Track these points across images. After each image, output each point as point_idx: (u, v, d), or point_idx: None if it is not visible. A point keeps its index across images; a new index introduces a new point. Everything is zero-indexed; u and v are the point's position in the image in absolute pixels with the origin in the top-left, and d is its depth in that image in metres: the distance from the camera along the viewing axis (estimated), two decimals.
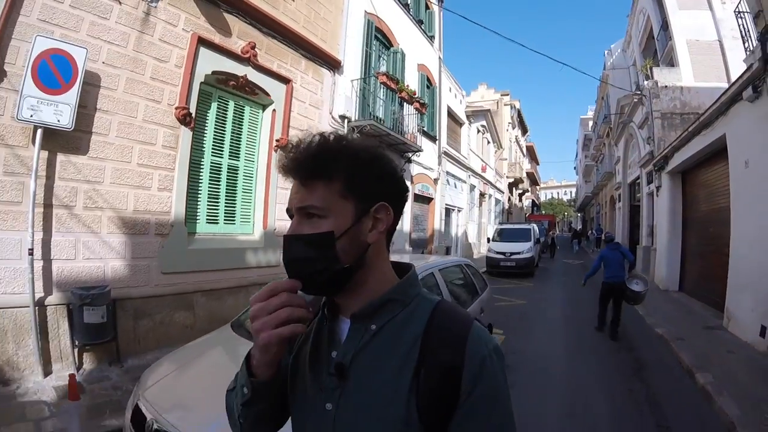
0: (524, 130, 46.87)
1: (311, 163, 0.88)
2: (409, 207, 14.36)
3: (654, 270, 14.59)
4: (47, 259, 4.87)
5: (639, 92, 16.34)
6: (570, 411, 4.98)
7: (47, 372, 4.76)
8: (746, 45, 8.40)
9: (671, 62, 15.68)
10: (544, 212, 58.90)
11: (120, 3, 5.60)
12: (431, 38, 16.57)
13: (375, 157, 0.94)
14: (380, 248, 0.96)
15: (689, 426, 4.68)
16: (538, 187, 70.40)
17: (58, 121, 4.77)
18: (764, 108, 7.04)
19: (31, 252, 4.56)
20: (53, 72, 4.73)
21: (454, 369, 0.82)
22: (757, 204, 7.35)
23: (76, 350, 5.06)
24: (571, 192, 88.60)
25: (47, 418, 4.05)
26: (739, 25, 8.88)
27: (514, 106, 38.79)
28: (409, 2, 14.51)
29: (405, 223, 13.97)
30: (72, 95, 4.86)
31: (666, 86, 14.53)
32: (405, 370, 0.85)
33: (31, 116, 4.58)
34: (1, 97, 4.55)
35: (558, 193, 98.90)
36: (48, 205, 4.88)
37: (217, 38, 6.88)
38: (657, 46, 17.53)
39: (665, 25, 16.17)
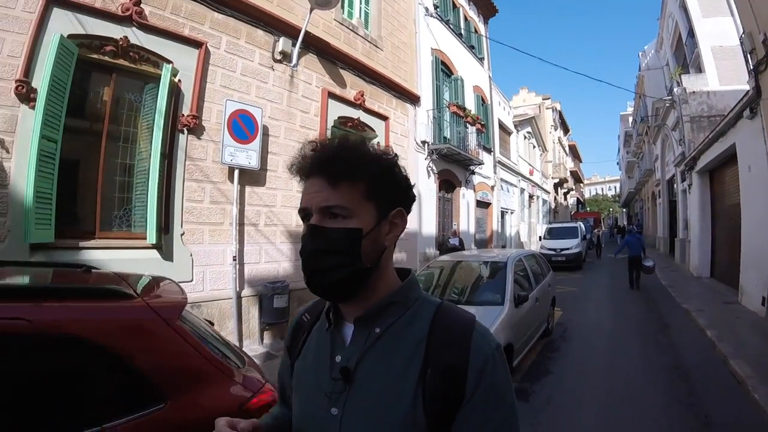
0: (566, 130, 44.87)
1: (339, 163, 0.82)
2: (473, 211, 15.15)
3: (688, 259, 14.83)
4: (241, 263, 6.12)
5: (670, 97, 16.30)
6: (612, 354, 6.27)
7: (241, 346, 5.92)
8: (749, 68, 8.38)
9: (699, 67, 15.36)
10: (588, 209, 55.51)
11: (273, 69, 6.86)
12: (481, 60, 17.16)
13: (394, 164, 0.89)
14: (391, 253, 0.91)
15: (697, 360, 5.81)
16: (582, 185, 66.63)
17: (249, 163, 6.05)
18: (759, 125, 7.71)
19: (235, 258, 5.82)
20: (242, 127, 6.00)
21: (459, 369, 0.78)
22: (756, 201, 8.19)
23: (260, 329, 6.26)
24: (615, 187, 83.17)
25: None
26: (743, 51, 8.90)
27: (556, 109, 37.25)
28: (462, 32, 15.18)
29: (471, 226, 14.76)
30: (256, 144, 6.13)
31: (694, 92, 14.33)
32: (410, 372, 0.80)
33: (231, 160, 5.86)
34: (204, 146, 5.79)
35: (602, 188, 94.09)
36: (240, 224, 6.14)
37: (338, 90, 8.12)
38: (686, 51, 17.12)
39: (691, 32, 15.83)
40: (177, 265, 5.19)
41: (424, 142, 11.38)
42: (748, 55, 7.96)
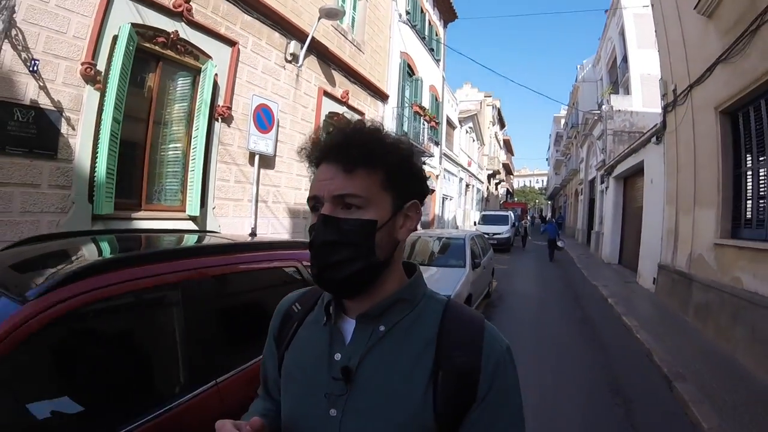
0: (502, 125, 46.30)
1: (356, 149, 0.71)
2: None
3: (601, 249, 16.52)
4: (256, 234, 6.53)
5: (599, 111, 17.57)
6: (537, 309, 7.93)
7: None
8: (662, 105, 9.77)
9: (627, 89, 16.45)
10: (516, 200, 55.63)
11: (284, 68, 7.22)
12: (438, 61, 17.79)
13: (412, 153, 0.79)
14: (403, 247, 0.79)
15: (599, 316, 7.56)
16: (512, 176, 67.67)
17: (267, 150, 6.49)
18: (661, 150, 9.34)
19: (253, 230, 6.28)
20: (263, 118, 6.41)
21: (472, 372, 0.70)
22: (654, 209, 9.90)
23: None
24: (542, 181, 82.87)
25: None
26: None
27: (495, 106, 37.90)
28: (426, 36, 15.76)
29: None
30: (273, 134, 6.58)
31: (619, 110, 15.60)
32: (418, 373, 0.70)
33: (254, 147, 6.29)
34: (232, 133, 6.17)
35: (530, 181, 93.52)
36: (255, 201, 6.53)
37: (329, 89, 8.59)
38: (618, 72, 18.25)
39: (625, 58, 16.81)
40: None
41: None
42: (661, 98, 9.35)
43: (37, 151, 3.97)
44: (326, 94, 8.45)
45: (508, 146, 54.23)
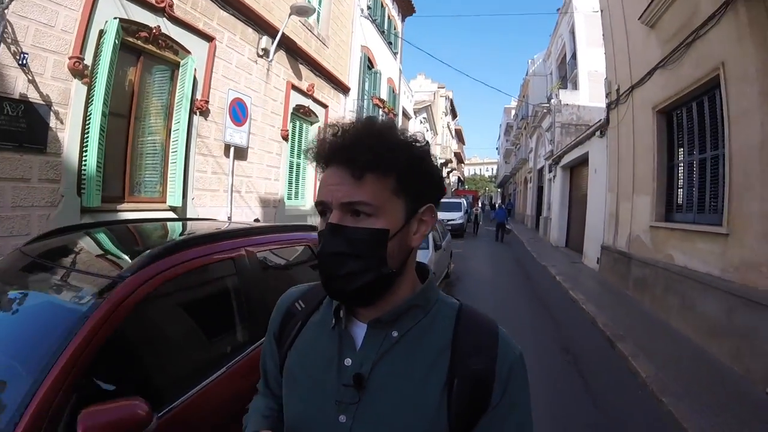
0: (454, 116, 46.79)
1: (365, 152, 0.65)
2: None
3: (549, 233, 17.57)
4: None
5: (548, 105, 18.36)
6: (493, 287, 8.80)
7: None
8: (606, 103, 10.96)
9: (575, 84, 17.35)
10: (467, 187, 56.43)
11: (256, 63, 7.35)
12: (395, 54, 18.01)
13: (426, 153, 0.73)
14: (416, 253, 0.77)
15: (549, 291, 8.55)
16: (463, 165, 68.13)
17: (241, 142, 6.66)
18: (604, 143, 10.35)
19: (229, 218, 6.46)
20: (237, 112, 6.57)
21: (486, 377, 0.68)
22: (597, 196, 10.95)
23: None
24: (492, 169, 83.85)
25: None
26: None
27: (448, 97, 38.38)
28: (385, 30, 15.98)
29: None
30: (246, 127, 6.76)
31: (567, 104, 16.55)
32: (432, 380, 0.69)
33: (230, 140, 6.45)
34: (209, 126, 6.30)
35: (481, 169, 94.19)
36: (230, 191, 6.69)
37: (296, 82, 8.76)
38: (567, 68, 19.06)
39: (575, 55, 17.69)
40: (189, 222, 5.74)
41: None
42: (605, 96, 10.25)
43: (27, 145, 4.00)
44: (294, 87, 8.63)
45: (459, 136, 55.47)
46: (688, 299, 5.69)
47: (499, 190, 59.40)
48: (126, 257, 1.97)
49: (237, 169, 6.83)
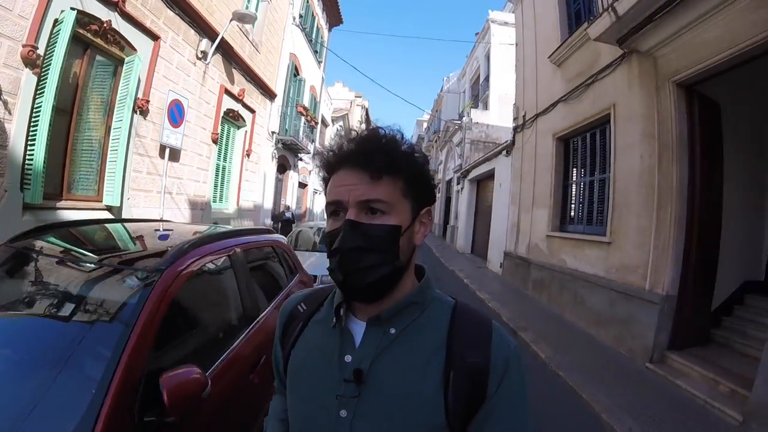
0: (368, 125, 47.23)
1: (382, 157, 0.72)
2: (296, 191, 16.76)
3: (456, 240, 18.77)
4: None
5: (460, 122, 19.80)
6: None
7: None
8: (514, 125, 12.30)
9: (486, 104, 18.83)
10: None
11: (194, 65, 7.40)
12: (320, 63, 18.44)
13: (427, 161, 0.81)
14: (417, 252, 0.82)
15: (458, 292, 9.28)
16: None
17: (177, 143, 6.69)
18: (509, 161, 11.86)
19: (162, 219, 6.43)
20: (175, 113, 6.62)
21: (482, 371, 0.71)
22: (501, 207, 12.41)
23: None
24: None
25: None
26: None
27: (364, 106, 39.08)
28: (313, 38, 16.33)
29: (293, 203, 16.32)
30: (182, 128, 6.80)
31: (478, 122, 18.02)
32: (430, 374, 0.72)
33: (167, 141, 6.47)
34: (147, 126, 6.24)
35: None
36: (163, 192, 6.67)
37: (229, 86, 8.87)
38: (480, 89, 20.62)
39: (488, 78, 19.29)
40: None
41: (273, 132, 12.52)
42: (513, 120, 11.69)
43: None
44: (227, 91, 8.71)
45: None
46: (578, 296, 7.02)
47: None
48: (142, 251, 2.44)
49: (169, 170, 6.80)
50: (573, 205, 8.29)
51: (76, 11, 4.56)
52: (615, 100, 6.45)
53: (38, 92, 4.35)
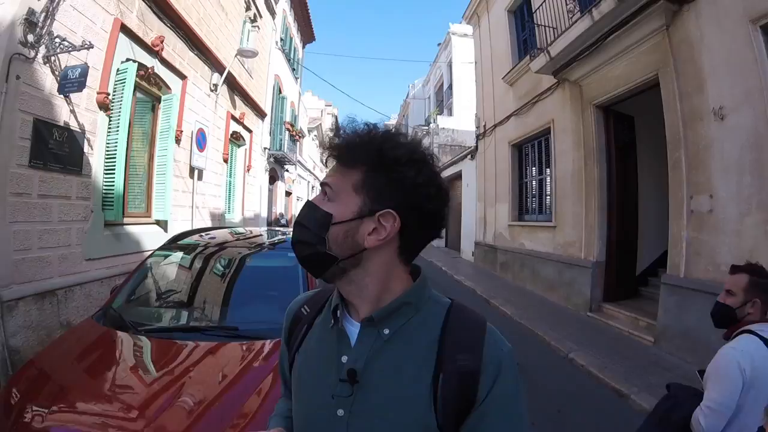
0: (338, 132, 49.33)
1: (340, 147, 0.76)
2: (282, 199, 17.82)
3: None
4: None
5: (427, 127, 21.33)
6: None
7: None
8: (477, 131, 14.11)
9: (451, 110, 20.34)
10: None
11: (209, 96, 8.52)
12: (297, 78, 19.60)
13: (408, 161, 0.74)
14: (386, 259, 0.77)
15: (438, 277, 11.07)
16: None
17: (202, 165, 7.78)
18: (474, 164, 13.50)
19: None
20: (200, 140, 7.69)
21: (472, 374, 0.71)
22: (469, 204, 14.07)
23: None
24: None
25: None
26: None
27: (334, 114, 41.06)
28: (291, 58, 17.48)
29: (280, 210, 17.34)
30: (206, 152, 7.86)
31: (444, 128, 19.84)
32: (422, 375, 0.72)
33: (196, 163, 7.56)
34: (180, 152, 7.30)
35: None
36: (192, 207, 7.74)
37: (233, 111, 10.00)
38: (444, 96, 22.28)
39: (451, 86, 20.95)
40: (170, 234, 6.69)
41: (265, 148, 13.63)
42: (475, 128, 13.27)
43: (69, 167, 4.84)
44: (232, 116, 9.83)
45: None
46: (534, 270, 8.88)
47: None
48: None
49: (196, 188, 7.88)
50: (527, 199, 10.17)
51: (137, 63, 5.66)
52: (554, 116, 8.28)
53: (110, 130, 5.43)
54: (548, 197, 8.76)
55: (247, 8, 10.98)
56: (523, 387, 0.76)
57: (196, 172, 7.61)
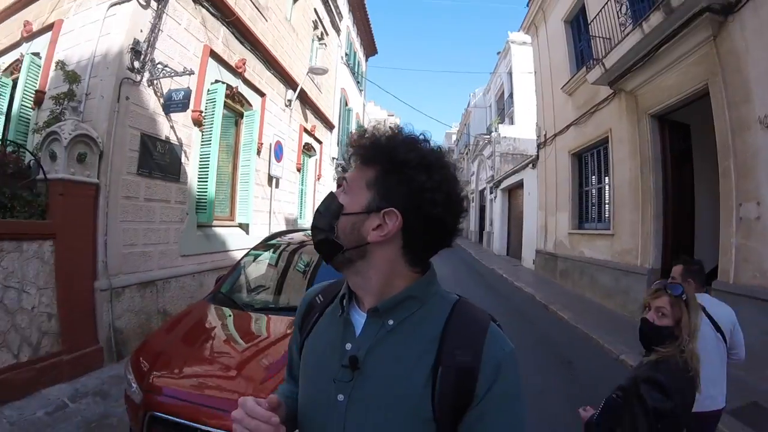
0: None
1: (362, 147, 0.80)
2: None
3: (492, 245, 20.48)
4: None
5: (489, 136, 21.12)
6: (456, 283, 10.72)
7: None
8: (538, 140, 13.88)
9: (512, 119, 20.06)
10: None
11: (284, 111, 9.21)
12: (361, 91, 20.27)
13: (418, 165, 0.76)
14: (389, 255, 0.79)
15: (496, 282, 11.21)
16: None
17: (279, 174, 8.44)
18: (535, 173, 13.29)
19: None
20: (278, 151, 8.34)
21: (471, 371, 0.72)
22: (531, 213, 13.90)
23: None
24: None
25: None
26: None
27: (396, 123, 42.20)
28: (355, 71, 18.22)
29: None
30: (282, 162, 8.51)
31: (505, 136, 19.42)
32: (421, 368, 0.74)
33: (274, 173, 8.22)
34: (260, 162, 7.96)
35: None
36: (270, 212, 8.40)
37: (305, 124, 10.70)
38: (505, 105, 22.02)
39: (512, 95, 20.65)
40: (252, 237, 7.41)
41: (333, 158, 14.33)
42: (537, 137, 13.13)
43: (169, 175, 5.58)
44: (304, 129, 10.53)
45: None
46: (593, 278, 8.69)
47: None
48: None
49: (274, 195, 8.56)
50: (587, 207, 9.95)
51: (225, 84, 6.37)
52: (611, 126, 8.20)
53: (202, 143, 6.14)
54: (607, 206, 8.64)
55: (315, 27, 11.74)
56: (523, 388, 0.76)
57: (273, 180, 8.27)
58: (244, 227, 7.35)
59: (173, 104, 5.25)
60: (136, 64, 5.06)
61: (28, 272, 3.89)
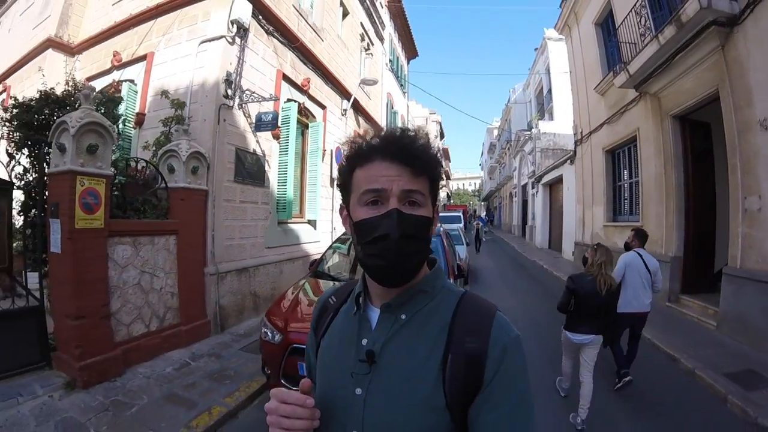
0: (442, 136, 49.35)
1: (424, 156, 0.80)
2: None
3: (534, 238, 21.13)
4: (333, 231, 9.53)
5: (529, 132, 21.47)
6: (501, 273, 11.67)
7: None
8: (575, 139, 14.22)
9: (551, 114, 19.82)
10: (453, 202, 58.95)
11: (340, 119, 10.28)
12: (404, 93, 21.17)
13: (440, 176, 0.87)
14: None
15: (537, 272, 11.86)
16: (449, 180, 71.35)
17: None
18: (573, 169, 13.83)
19: (334, 228, 9.23)
20: (338, 156, 9.39)
21: (479, 357, 0.75)
22: (570, 206, 14.41)
23: None
24: (475, 183, 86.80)
25: None
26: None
27: (438, 122, 42.16)
28: (398, 75, 19.09)
29: None
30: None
31: (545, 132, 18.70)
32: (433, 358, 0.77)
33: (335, 176, 9.21)
34: (324, 166, 9.07)
35: (464, 184, 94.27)
36: (332, 210, 9.49)
37: (358, 130, 11.65)
38: (544, 100, 21.76)
39: (550, 91, 20.46)
40: (318, 231, 8.57)
41: None
42: (573, 135, 13.61)
43: (257, 181, 6.75)
44: (357, 134, 11.55)
45: (446, 155, 58.69)
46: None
47: (483, 203, 62.78)
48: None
49: (335, 195, 9.64)
50: (620, 201, 10.56)
51: (297, 103, 7.51)
52: (638, 125, 8.82)
53: (280, 153, 7.29)
54: (637, 198, 9.25)
55: (362, 39, 12.78)
56: (528, 372, 0.78)
57: (335, 182, 9.32)
58: (312, 223, 8.49)
59: (263, 124, 6.41)
60: (229, 92, 6.21)
61: (158, 260, 5.03)
